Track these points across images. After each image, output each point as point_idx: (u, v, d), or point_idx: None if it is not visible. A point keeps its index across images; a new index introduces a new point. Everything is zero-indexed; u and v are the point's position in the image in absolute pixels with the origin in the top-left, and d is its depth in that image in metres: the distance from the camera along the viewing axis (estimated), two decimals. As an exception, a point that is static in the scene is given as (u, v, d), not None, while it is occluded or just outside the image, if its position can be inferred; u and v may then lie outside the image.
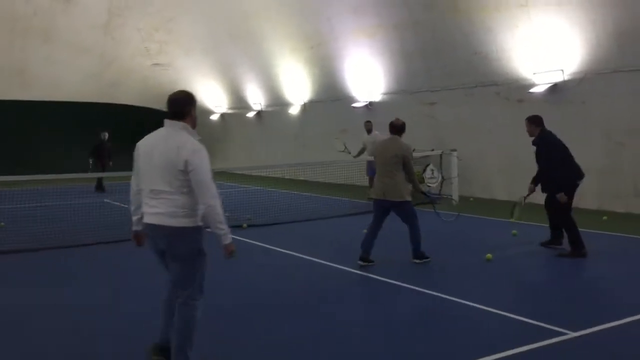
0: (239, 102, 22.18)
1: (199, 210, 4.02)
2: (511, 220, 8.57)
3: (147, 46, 21.86)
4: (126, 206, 13.42)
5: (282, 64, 18.83)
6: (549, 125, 11.34)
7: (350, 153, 14.13)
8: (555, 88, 11.77)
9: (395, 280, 6.72)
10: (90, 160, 17.06)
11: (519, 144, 10.90)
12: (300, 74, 18.43)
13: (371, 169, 14.35)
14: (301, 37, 17.39)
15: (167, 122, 4.13)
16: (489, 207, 12.20)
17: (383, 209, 7.46)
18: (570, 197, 7.57)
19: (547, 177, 7.67)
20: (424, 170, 12.89)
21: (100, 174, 16.33)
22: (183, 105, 4.14)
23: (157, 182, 4.04)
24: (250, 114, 21.70)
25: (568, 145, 7.74)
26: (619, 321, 5.12)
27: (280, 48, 18.38)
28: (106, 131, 17.58)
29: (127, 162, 5.20)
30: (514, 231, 8.83)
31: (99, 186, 17.42)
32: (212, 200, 3.95)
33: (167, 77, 23.04)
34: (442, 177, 13.10)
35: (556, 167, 7.50)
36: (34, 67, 20.92)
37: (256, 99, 21.17)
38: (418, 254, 7.47)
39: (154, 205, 4.07)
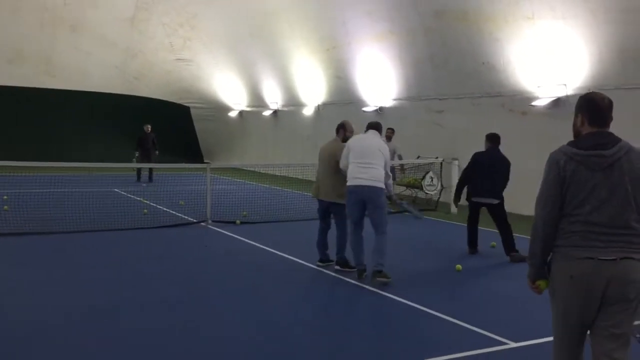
0: (257, 101, 22.48)
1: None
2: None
3: (171, 41, 22.35)
4: (132, 197, 13.58)
5: (298, 65, 19.07)
6: (550, 139, 11.35)
7: None
8: (558, 102, 11.73)
9: (359, 282, 6.89)
10: (136, 152, 17.40)
11: (522, 155, 10.86)
12: (315, 76, 18.64)
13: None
14: (317, 39, 17.59)
15: (370, 131, 7.13)
16: (487, 217, 12.16)
17: (322, 208, 7.56)
18: (471, 208, 8.49)
19: None
20: (424, 178, 12.94)
21: (139, 165, 16.81)
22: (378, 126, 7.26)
23: (368, 158, 6.80)
24: (267, 113, 22.00)
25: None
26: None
27: (298, 49, 18.62)
28: (148, 123, 17.87)
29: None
30: (493, 243, 8.87)
31: (147, 176, 17.61)
32: (390, 173, 7.05)
33: (189, 72, 23.51)
34: (442, 186, 13.12)
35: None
36: (61, 56, 21.56)
37: (273, 99, 21.45)
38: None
39: (365, 172, 6.74)
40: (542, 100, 11.93)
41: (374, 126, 7.21)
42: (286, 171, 20.09)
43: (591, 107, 3.15)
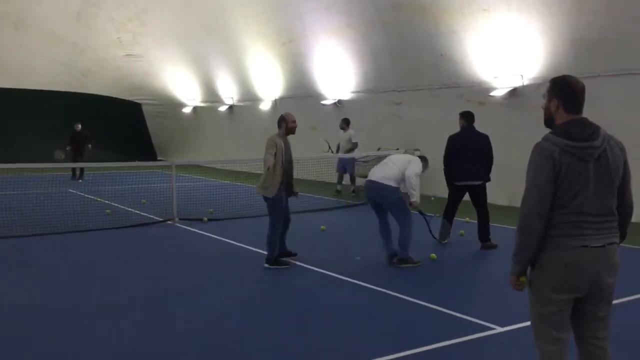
0: (212, 96, 22.21)
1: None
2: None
3: (120, 37, 21.78)
4: (90, 197, 13.17)
5: (254, 59, 18.92)
6: (508, 129, 11.73)
7: (332, 152, 14.87)
8: (514, 92, 12.06)
9: (338, 274, 6.93)
10: (67, 148, 17.39)
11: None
12: (272, 70, 18.55)
13: (342, 166, 14.68)
14: (274, 33, 17.50)
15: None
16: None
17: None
18: (453, 192, 8.34)
19: None
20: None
21: (73, 164, 17.23)
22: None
23: (392, 161, 7.31)
24: (223, 108, 21.76)
25: (524, 147, 7.98)
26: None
27: (253, 43, 18.47)
28: (78, 122, 18.07)
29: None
30: (461, 231, 9.06)
31: (75, 174, 18.04)
32: (411, 175, 7.00)
33: (140, 68, 22.99)
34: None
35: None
36: (4, 53, 20.73)
37: (228, 94, 21.23)
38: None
39: (379, 170, 7.22)
40: (500, 90, 12.25)
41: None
42: (247, 167, 19.92)
43: (567, 92, 3.07)
